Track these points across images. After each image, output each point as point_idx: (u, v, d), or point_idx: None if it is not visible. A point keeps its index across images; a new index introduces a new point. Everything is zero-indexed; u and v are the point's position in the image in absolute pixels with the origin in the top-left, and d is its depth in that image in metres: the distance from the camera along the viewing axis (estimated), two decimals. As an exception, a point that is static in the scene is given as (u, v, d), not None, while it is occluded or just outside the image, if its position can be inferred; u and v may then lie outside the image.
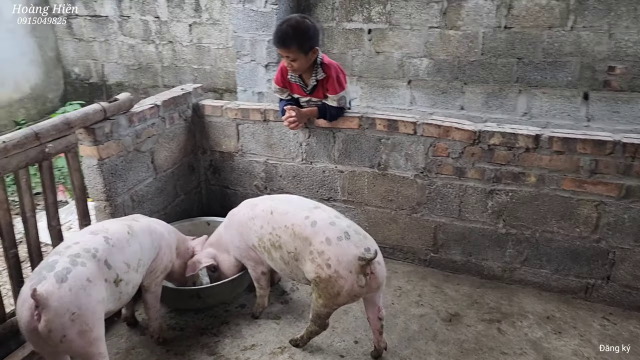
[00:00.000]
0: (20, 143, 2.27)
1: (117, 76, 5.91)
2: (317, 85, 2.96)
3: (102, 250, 2.10)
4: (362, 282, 2.16)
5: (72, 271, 1.93)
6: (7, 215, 2.31)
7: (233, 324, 2.73)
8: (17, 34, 5.57)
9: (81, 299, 1.90)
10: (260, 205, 2.57)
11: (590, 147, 2.56)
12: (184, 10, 5.23)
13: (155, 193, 3.15)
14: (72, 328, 1.87)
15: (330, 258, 2.18)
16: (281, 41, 2.78)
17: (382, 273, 2.25)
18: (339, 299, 2.22)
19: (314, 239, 2.24)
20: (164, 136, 3.16)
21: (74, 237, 2.21)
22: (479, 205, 2.90)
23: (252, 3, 4.32)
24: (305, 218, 2.32)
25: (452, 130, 2.81)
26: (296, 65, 2.83)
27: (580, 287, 2.84)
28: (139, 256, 2.31)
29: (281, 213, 2.43)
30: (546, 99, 4.10)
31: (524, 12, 3.97)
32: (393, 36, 4.41)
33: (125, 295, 2.24)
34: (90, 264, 2.02)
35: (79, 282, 1.93)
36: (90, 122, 2.62)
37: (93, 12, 5.73)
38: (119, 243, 2.21)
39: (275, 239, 2.41)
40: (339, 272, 2.16)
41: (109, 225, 2.31)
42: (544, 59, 4.02)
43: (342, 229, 2.24)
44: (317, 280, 2.24)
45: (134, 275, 2.26)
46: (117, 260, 2.15)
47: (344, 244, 2.18)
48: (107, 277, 2.08)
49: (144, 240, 2.38)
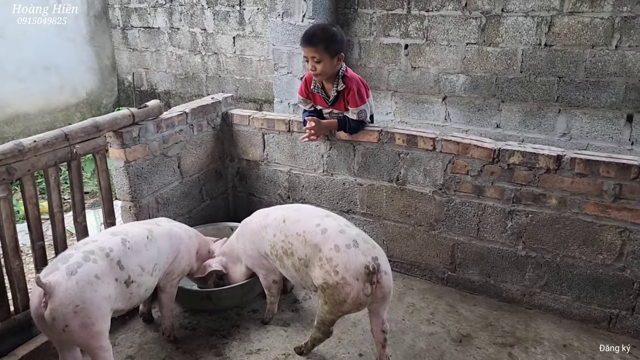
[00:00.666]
0: (50, 143, 2.43)
1: (165, 84, 6.18)
2: (338, 97, 3.00)
3: (117, 250, 2.21)
4: (367, 291, 2.18)
5: (83, 266, 2.04)
6: (35, 209, 2.47)
7: (243, 327, 2.79)
8: (76, 42, 5.95)
9: (86, 293, 2.00)
10: (272, 215, 2.62)
11: (614, 170, 2.46)
12: (229, 23, 5.42)
13: (181, 197, 3.27)
14: (74, 319, 1.97)
15: (338, 265, 2.20)
16: (309, 39, 2.84)
17: (388, 283, 2.25)
18: (344, 306, 2.24)
19: (323, 246, 2.28)
20: (191, 142, 3.28)
21: (95, 236, 2.35)
22: (498, 225, 2.84)
23: (290, 17, 4.42)
24: (316, 225, 2.36)
25: (470, 147, 2.77)
26: (320, 68, 2.85)
27: (603, 316, 2.71)
28: (156, 260, 2.40)
29: (293, 221, 2.47)
30: (587, 119, 3.95)
31: (566, 29, 3.85)
32: (430, 52, 4.38)
33: (137, 296, 2.32)
34: (102, 262, 2.12)
35: (86, 277, 2.03)
36: (118, 126, 2.76)
37: (146, 24, 6.03)
38: (137, 246, 2.32)
39: (288, 246, 2.45)
40: (346, 279, 2.18)
41: (130, 229, 2.42)
42: (586, 78, 3.88)
43: (351, 237, 2.27)
44: (324, 287, 2.27)
45: (147, 279, 2.35)
46: (131, 263, 2.25)
47: (352, 252, 2.21)
48: (117, 277, 2.18)
49: (163, 245, 2.47)
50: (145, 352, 2.62)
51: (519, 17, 3.96)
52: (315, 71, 2.89)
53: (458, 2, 4.15)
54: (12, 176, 2.30)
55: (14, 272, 2.40)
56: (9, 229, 2.35)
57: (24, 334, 2.47)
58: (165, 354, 2.60)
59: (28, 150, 2.32)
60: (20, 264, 2.42)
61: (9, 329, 2.41)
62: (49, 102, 5.72)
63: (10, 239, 2.36)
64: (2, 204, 2.30)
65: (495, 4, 4.01)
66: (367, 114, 3.02)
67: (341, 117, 3.03)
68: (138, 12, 6.06)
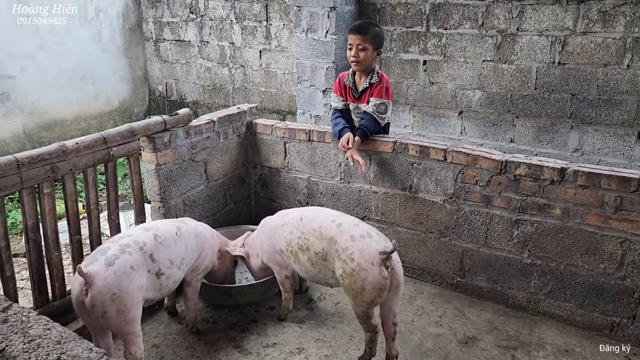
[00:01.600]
0: (90, 145, 2.67)
1: (194, 95, 6.47)
2: (367, 89, 3.21)
3: (149, 244, 2.40)
4: (385, 274, 2.30)
5: (120, 258, 2.24)
6: (74, 206, 2.70)
7: (261, 323, 2.97)
8: (111, 53, 6.28)
9: (123, 282, 2.19)
10: (291, 214, 2.80)
11: (615, 183, 2.58)
12: (256, 37, 5.68)
13: (206, 200, 3.49)
14: (111, 306, 2.17)
15: (354, 252, 2.35)
16: (359, 28, 3.13)
17: (400, 271, 2.40)
18: (364, 293, 2.34)
19: (339, 238, 2.44)
20: (217, 149, 3.50)
21: (129, 231, 2.56)
22: (505, 234, 2.97)
23: (314, 33, 4.65)
24: (332, 221, 2.54)
25: (479, 158, 2.92)
26: (362, 56, 3.10)
27: (605, 324, 2.82)
28: (183, 255, 2.60)
29: (310, 219, 2.65)
30: (599, 136, 4.06)
31: (579, 49, 3.99)
32: (447, 68, 4.55)
33: (166, 288, 2.51)
34: (137, 255, 2.32)
35: (123, 267, 2.22)
36: (151, 132, 2.99)
37: (178, 37, 6.34)
38: (167, 241, 2.51)
39: (304, 242, 2.62)
40: (362, 265, 2.32)
41: (161, 225, 2.62)
42: (599, 96, 4.00)
43: (365, 229, 2.45)
44: (343, 276, 2.41)
45: (175, 272, 2.54)
46: (162, 256, 2.45)
47: (366, 240, 2.37)
48: (150, 269, 2.38)
49: (190, 242, 2.67)
50: (169, 341, 2.82)
51: (533, 36, 4.11)
52: (357, 58, 3.11)
53: (475, 20, 4.32)
54: (56, 174, 2.53)
55: (53, 263, 2.63)
56: (50, 222, 2.58)
57: (60, 320, 2.67)
58: (187, 344, 2.80)
59: (70, 152, 2.56)
60: (59, 255, 2.65)
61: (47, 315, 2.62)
62: (84, 109, 6.05)
63: (51, 232, 2.60)
64: (46, 199, 2.54)
65: (511, 23, 4.17)
66: (384, 110, 3.18)
67: (361, 130, 3.15)
68: (170, 25, 6.37)
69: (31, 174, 2.43)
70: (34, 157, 2.43)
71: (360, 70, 3.21)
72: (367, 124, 3.16)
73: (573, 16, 3.94)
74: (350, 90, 3.29)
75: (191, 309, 2.86)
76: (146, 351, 2.72)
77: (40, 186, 2.51)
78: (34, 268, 2.56)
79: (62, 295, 2.71)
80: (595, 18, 3.85)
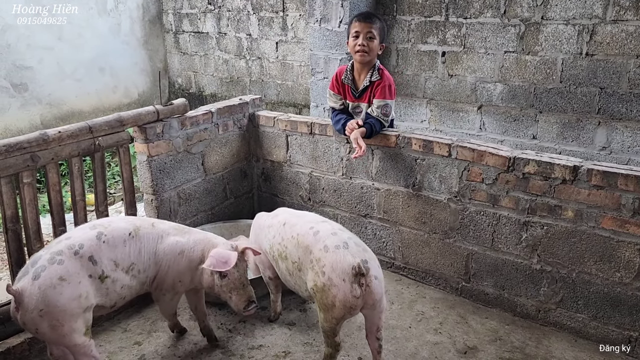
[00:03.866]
0: (74, 134, 2.59)
1: (212, 87, 6.40)
2: (367, 88, 3.02)
3: (88, 246, 2.13)
4: (356, 293, 2.09)
5: (46, 269, 2.02)
6: (57, 196, 2.64)
7: (249, 323, 2.84)
8: (131, 45, 6.28)
9: (49, 297, 1.99)
10: (279, 217, 2.60)
11: (633, 183, 2.33)
12: (272, 28, 5.55)
13: (204, 193, 3.38)
14: (42, 323, 2.00)
15: (325, 265, 2.15)
16: (367, 16, 2.97)
17: (378, 289, 2.15)
18: (334, 310, 2.15)
19: (314, 247, 2.24)
20: (216, 141, 3.39)
21: (73, 231, 2.29)
22: (513, 236, 2.74)
23: (328, 22, 4.48)
24: (310, 228, 2.34)
25: (486, 155, 2.70)
26: (371, 45, 2.91)
27: (622, 338, 2.56)
28: (133, 260, 2.27)
29: (291, 225, 2.46)
30: (629, 133, 3.75)
31: (609, 38, 3.68)
32: (467, 59, 4.31)
33: (113, 293, 2.21)
34: (69, 262, 2.07)
35: (49, 280, 2.00)
36: (142, 122, 2.90)
37: (197, 29, 6.28)
38: (113, 241, 2.22)
39: (283, 249, 2.44)
40: (332, 280, 2.12)
41: (116, 222, 2.32)
42: (630, 90, 3.69)
43: (343, 239, 2.21)
44: (314, 290, 2.22)
45: (121, 276, 2.23)
46: (104, 257, 2.17)
47: (340, 252, 2.15)
48: (91, 273, 2.12)
49: (147, 249, 2.32)
50: (152, 339, 2.72)
51: (559, 25, 3.83)
52: (365, 47, 2.91)
53: (497, 9, 4.06)
54: (36, 163, 2.46)
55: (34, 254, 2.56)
56: (31, 212, 2.52)
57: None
58: (170, 343, 2.69)
59: (52, 140, 2.49)
60: (41, 246, 2.58)
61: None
62: (103, 101, 6.07)
63: (32, 222, 2.53)
64: (27, 189, 2.48)
65: (535, 11, 3.90)
66: (389, 111, 2.99)
67: (367, 125, 2.98)
68: (189, 17, 6.32)
69: (9, 163, 2.36)
70: (11, 145, 2.36)
71: (364, 63, 2.98)
72: (374, 121, 2.98)
73: (603, 3, 3.64)
74: (349, 88, 3.09)
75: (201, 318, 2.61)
76: (127, 348, 2.64)
77: (20, 175, 2.44)
78: (14, 259, 2.50)
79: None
80: (627, 5, 3.55)
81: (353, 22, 2.98)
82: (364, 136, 2.94)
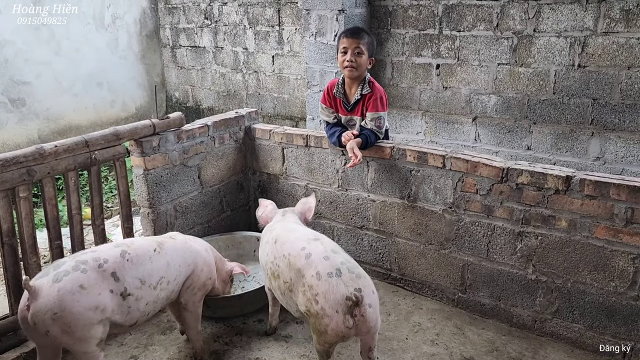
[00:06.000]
0: (70, 148, 2.61)
1: (209, 101, 6.44)
2: (359, 101, 3.04)
3: (112, 262, 2.18)
4: (349, 324, 2.07)
5: (70, 275, 2.05)
6: (54, 210, 2.64)
7: (245, 336, 2.84)
8: (128, 60, 6.32)
9: (66, 301, 2.00)
10: (274, 231, 2.55)
11: (625, 193, 2.35)
12: (268, 42, 5.60)
13: (200, 206, 3.39)
14: (53, 326, 2.00)
15: (318, 294, 2.11)
16: (355, 31, 2.98)
17: (373, 317, 2.12)
18: (326, 336, 2.14)
19: (306, 272, 2.19)
20: (212, 154, 3.40)
21: (98, 247, 2.38)
22: (508, 246, 2.76)
23: (323, 36, 4.52)
24: (301, 249, 2.28)
25: (480, 165, 2.72)
26: (359, 61, 2.92)
27: (617, 348, 2.56)
28: (162, 274, 2.34)
29: (282, 242, 2.41)
30: (622, 143, 3.78)
31: (600, 50, 3.73)
32: (461, 72, 4.35)
33: (136, 311, 2.25)
34: (92, 273, 2.10)
35: (70, 285, 2.03)
36: (139, 136, 2.92)
37: (193, 43, 6.33)
38: (138, 259, 2.27)
39: (275, 268, 2.40)
40: (325, 310, 2.08)
41: (138, 241, 2.41)
42: (622, 100, 3.72)
43: (335, 265, 2.16)
44: (307, 314, 2.20)
45: (148, 292, 2.28)
46: (128, 275, 2.21)
47: (333, 282, 2.10)
48: (113, 289, 2.15)
49: (175, 258, 2.42)
50: (149, 353, 2.72)
51: (551, 38, 3.87)
52: (353, 63, 2.92)
53: (489, 22, 4.11)
54: (32, 177, 2.48)
55: (30, 268, 2.57)
56: (27, 226, 2.53)
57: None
58: (167, 356, 2.69)
59: (49, 154, 2.51)
60: (37, 260, 2.59)
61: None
62: (100, 115, 6.09)
63: (28, 236, 2.54)
64: (23, 203, 2.49)
65: (527, 24, 3.95)
66: (382, 123, 3.02)
67: (363, 137, 2.99)
68: (186, 31, 6.37)
69: (5, 177, 2.38)
70: (8, 160, 2.38)
71: (353, 78, 3.01)
72: (368, 132, 3.01)
73: (594, 15, 3.69)
74: (341, 102, 3.12)
75: (195, 338, 2.60)
76: (123, 362, 2.64)
77: (16, 189, 2.45)
78: (9, 273, 2.50)
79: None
80: (618, 17, 3.60)
81: (341, 37, 3.01)
82: (359, 147, 2.96)
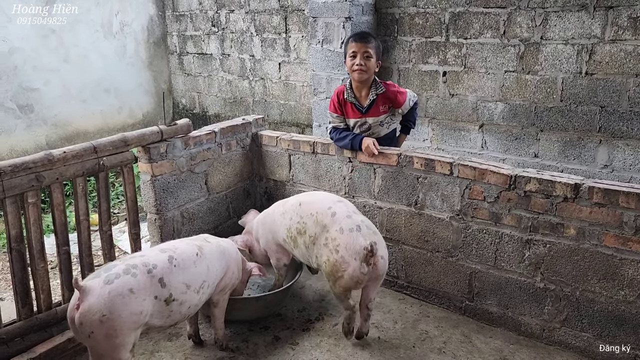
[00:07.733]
0: (78, 154, 2.62)
1: (215, 108, 6.46)
2: (374, 102, 3.08)
3: (160, 267, 2.23)
4: (364, 270, 2.46)
5: (121, 278, 2.08)
6: (62, 216, 2.65)
7: (252, 342, 2.83)
8: (136, 67, 6.36)
9: (116, 305, 2.03)
10: (290, 202, 2.90)
11: (634, 201, 2.33)
12: (275, 50, 5.62)
13: (207, 212, 3.39)
14: (99, 328, 2.01)
15: (340, 245, 2.49)
16: (363, 36, 3.05)
17: (383, 267, 2.55)
18: (342, 281, 2.51)
19: (331, 228, 2.56)
20: (219, 161, 3.41)
21: (145, 251, 2.44)
22: (516, 254, 2.74)
23: (330, 44, 4.54)
24: (328, 208, 2.64)
25: (487, 173, 2.71)
26: (368, 64, 2.99)
27: (627, 358, 2.53)
28: (204, 277, 2.41)
29: (308, 203, 2.76)
30: (630, 151, 3.76)
31: (608, 58, 3.72)
32: (468, 79, 4.35)
33: (177, 314, 2.31)
34: (142, 277, 2.14)
35: (120, 289, 2.06)
36: (146, 142, 2.93)
37: (200, 50, 6.37)
38: (184, 264, 2.32)
39: (302, 226, 2.72)
40: (345, 258, 2.47)
41: (180, 245, 2.45)
42: (630, 108, 3.71)
43: (356, 222, 2.55)
44: (326, 264, 2.55)
45: (192, 296, 2.34)
46: (175, 280, 2.26)
47: (353, 235, 2.49)
48: (157, 295, 2.19)
49: (213, 262, 2.50)
50: (155, 359, 2.71)
51: (558, 45, 3.87)
52: (362, 66, 2.98)
53: (496, 29, 4.11)
54: (41, 183, 2.49)
55: (38, 274, 2.57)
56: (36, 232, 2.53)
57: (44, 333, 2.63)
58: (173, 363, 2.69)
59: (57, 160, 2.52)
60: (45, 266, 2.60)
61: (30, 327, 2.57)
62: (107, 122, 6.12)
63: (36, 242, 2.55)
64: (31, 209, 2.50)
65: (534, 31, 3.94)
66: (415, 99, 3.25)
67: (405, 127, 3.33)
68: (193, 39, 6.41)
69: (14, 183, 2.39)
70: (17, 166, 2.39)
71: (362, 81, 3.05)
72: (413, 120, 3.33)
73: (601, 23, 3.68)
74: (352, 106, 3.14)
75: (219, 327, 2.70)
76: (130, 369, 2.63)
77: (25, 195, 2.47)
78: (17, 279, 2.50)
79: (47, 307, 2.64)
80: (625, 25, 3.59)
81: (349, 42, 3.04)
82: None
